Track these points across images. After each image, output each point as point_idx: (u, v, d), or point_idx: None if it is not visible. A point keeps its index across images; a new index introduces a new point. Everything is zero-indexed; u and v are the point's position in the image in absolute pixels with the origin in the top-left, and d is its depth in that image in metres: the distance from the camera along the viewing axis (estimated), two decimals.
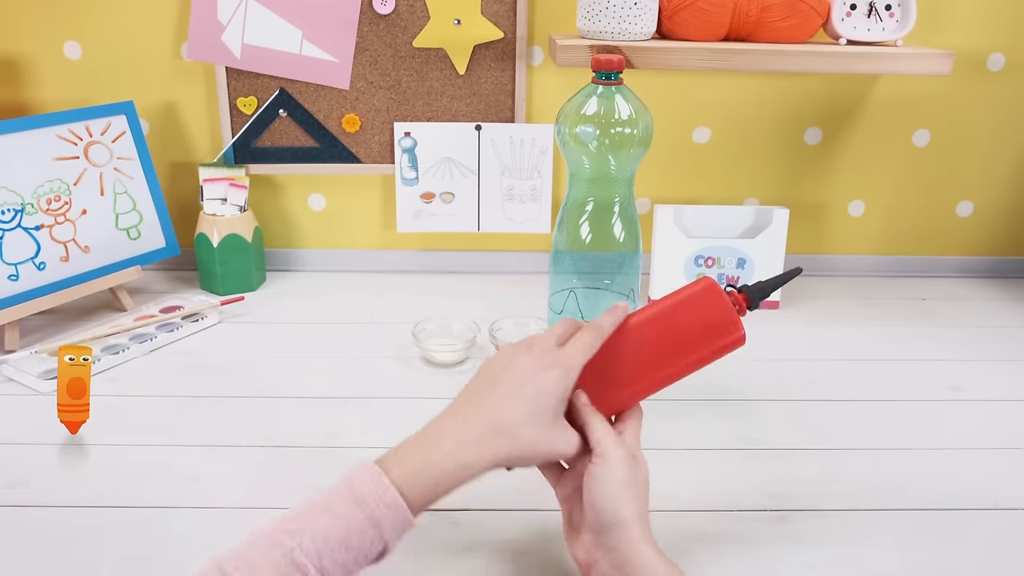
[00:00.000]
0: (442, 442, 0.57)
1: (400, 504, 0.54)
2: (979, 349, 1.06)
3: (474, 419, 0.58)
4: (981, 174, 1.27)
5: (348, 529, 0.52)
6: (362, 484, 0.54)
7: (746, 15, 1.05)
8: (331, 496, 0.54)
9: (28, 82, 1.18)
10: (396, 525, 0.54)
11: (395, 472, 0.55)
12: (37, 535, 0.68)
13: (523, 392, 0.59)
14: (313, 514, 0.53)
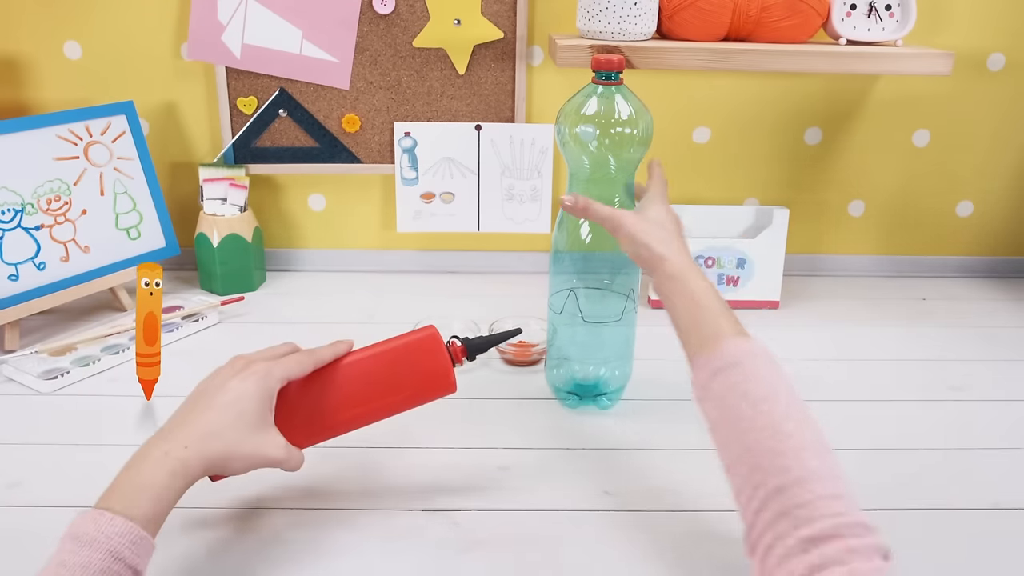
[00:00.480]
0: (149, 457, 0.58)
1: (131, 527, 0.53)
2: (979, 349, 1.06)
3: (179, 431, 0.60)
4: (981, 174, 1.27)
5: (92, 574, 0.50)
6: (86, 529, 0.53)
7: (746, 15, 1.05)
8: (60, 556, 0.52)
9: (28, 82, 1.18)
10: (138, 549, 0.53)
11: (114, 504, 0.54)
12: (37, 535, 0.68)
13: (223, 400, 0.62)
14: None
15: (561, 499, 0.74)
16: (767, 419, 0.57)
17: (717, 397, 0.62)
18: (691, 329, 0.67)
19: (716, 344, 0.64)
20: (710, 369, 0.63)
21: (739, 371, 0.61)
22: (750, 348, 0.63)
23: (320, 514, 0.71)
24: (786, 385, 0.61)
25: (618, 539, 0.69)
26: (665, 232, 0.74)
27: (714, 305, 0.67)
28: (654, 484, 0.77)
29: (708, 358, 0.64)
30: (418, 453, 0.81)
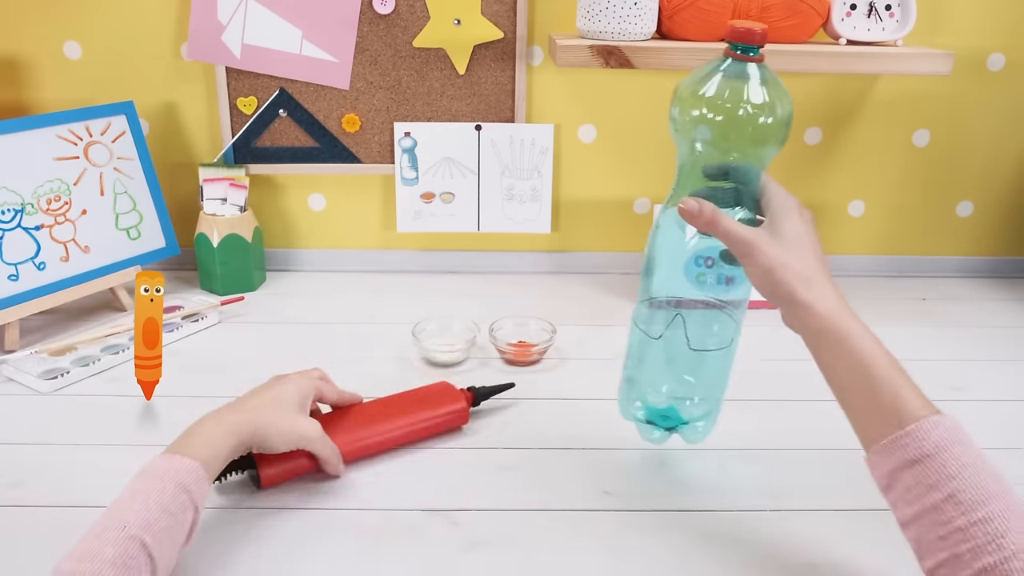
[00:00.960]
0: (205, 423, 0.69)
1: (196, 466, 0.63)
2: (979, 349, 1.06)
3: (230, 409, 0.71)
4: (981, 174, 1.27)
5: (163, 497, 0.60)
6: (158, 466, 0.63)
7: (746, 15, 1.05)
8: (133, 486, 0.61)
9: (28, 82, 1.18)
10: (199, 485, 0.63)
11: (176, 448, 0.65)
12: (37, 535, 0.68)
13: (267, 391, 0.74)
14: (125, 502, 0.59)
15: (561, 499, 0.74)
16: (986, 533, 0.50)
17: (911, 495, 0.54)
18: (861, 403, 0.59)
19: (901, 426, 0.55)
20: (896, 460, 0.55)
21: (937, 464, 0.53)
22: (947, 431, 0.54)
23: (320, 514, 0.71)
24: (994, 472, 0.53)
25: (618, 539, 0.69)
26: (806, 262, 0.62)
27: (889, 373, 0.58)
28: (654, 484, 0.76)
29: (892, 445, 0.55)
30: (418, 453, 0.81)
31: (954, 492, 0.52)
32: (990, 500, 0.51)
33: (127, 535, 0.56)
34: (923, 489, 0.53)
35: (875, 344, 0.60)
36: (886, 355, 0.60)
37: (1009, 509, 0.51)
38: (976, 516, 0.51)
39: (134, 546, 0.56)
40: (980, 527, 0.50)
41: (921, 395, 0.57)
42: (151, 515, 0.58)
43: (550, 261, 1.30)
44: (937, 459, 0.53)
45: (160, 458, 0.64)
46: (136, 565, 0.55)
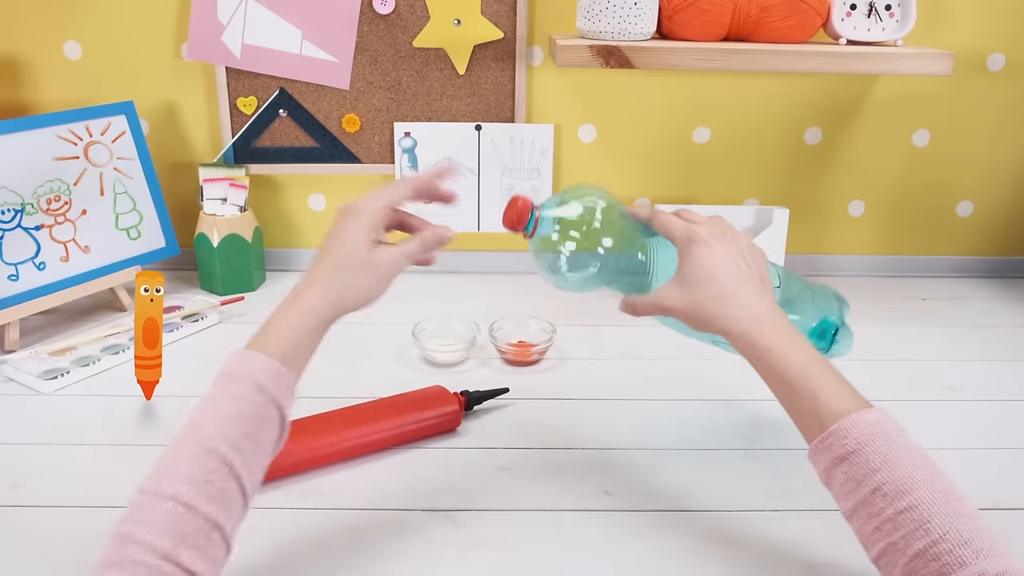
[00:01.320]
0: (279, 308, 0.64)
1: (271, 362, 0.59)
2: (979, 349, 1.06)
3: (302, 279, 0.65)
4: (981, 174, 1.27)
5: (238, 402, 0.56)
6: (230, 365, 0.59)
7: (746, 15, 1.05)
8: (211, 391, 0.58)
9: (28, 82, 1.18)
10: (278, 382, 0.58)
11: (253, 344, 0.61)
12: (37, 535, 0.68)
13: (330, 245, 0.65)
14: (201, 410, 0.57)
15: (561, 499, 0.74)
16: (913, 520, 0.53)
17: (844, 491, 0.58)
18: (790, 411, 0.62)
19: (823, 428, 0.58)
20: (825, 460, 0.59)
21: (861, 459, 0.56)
22: (868, 426, 0.57)
23: (320, 514, 0.71)
24: (918, 459, 0.56)
25: (618, 539, 0.69)
26: (714, 291, 0.65)
27: (805, 381, 0.60)
28: (654, 484, 0.76)
29: (819, 446, 0.59)
30: (418, 453, 0.81)
31: (879, 485, 0.55)
32: (914, 489, 0.54)
33: (203, 448, 0.53)
34: (853, 484, 0.56)
35: (792, 352, 0.62)
36: (804, 362, 0.62)
37: (933, 495, 0.53)
38: (902, 505, 0.53)
39: (212, 460, 0.53)
40: (907, 515, 0.53)
41: (843, 394, 0.60)
42: (227, 422, 0.55)
43: None
44: (860, 455, 0.56)
45: (234, 356, 0.60)
46: (216, 478, 0.53)
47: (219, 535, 0.52)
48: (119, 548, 0.50)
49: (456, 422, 0.84)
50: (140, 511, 0.52)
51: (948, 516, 0.52)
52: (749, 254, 0.67)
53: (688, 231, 0.67)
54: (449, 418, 0.83)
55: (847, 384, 0.61)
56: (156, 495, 0.52)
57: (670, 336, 0.86)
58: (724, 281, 0.65)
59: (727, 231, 0.68)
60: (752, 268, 0.67)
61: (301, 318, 0.62)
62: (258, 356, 0.59)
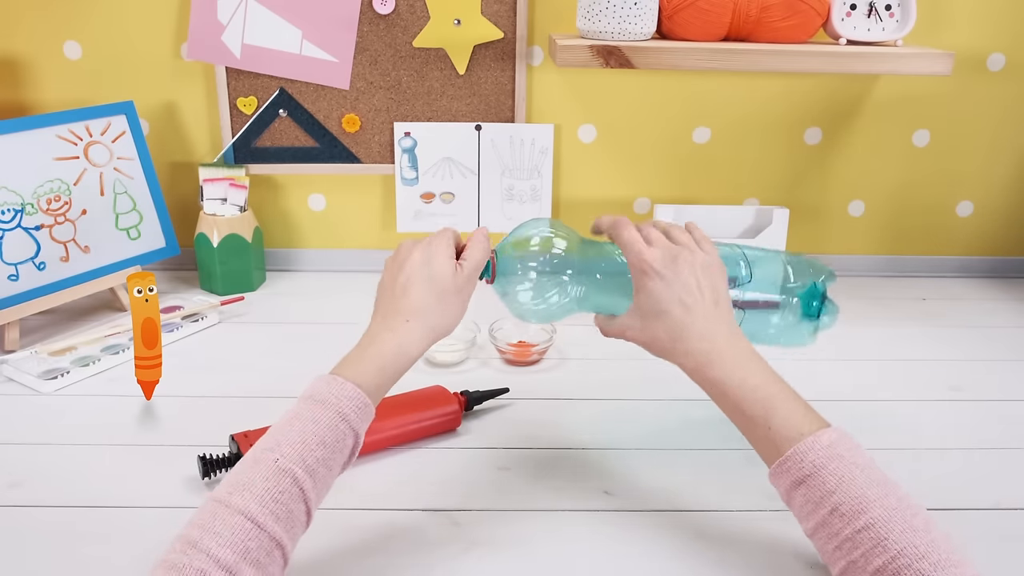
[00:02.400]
0: (377, 337, 0.66)
1: (359, 394, 0.61)
2: (979, 349, 1.06)
3: (395, 312, 0.67)
4: (981, 174, 1.27)
5: (319, 428, 0.58)
6: (320, 390, 0.60)
7: (746, 15, 1.05)
8: (295, 410, 0.60)
9: (28, 82, 1.18)
10: (361, 414, 0.61)
11: (347, 372, 0.62)
12: (37, 535, 0.68)
13: (417, 271, 0.68)
14: (283, 428, 0.58)
15: (561, 499, 0.74)
16: (870, 539, 0.54)
17: (804, 512, 0.59)
18: (748, 437, 0.64)
19: (780, 453, 0.60)
20: (784, 484, 0.61)
21: (817, 482, 0.58)
22: (823, 448, 0.58)
23: (320, 514, 0.71)
24: (873, 478, 0.57)
25: (618, 539, 0.69)
26: (667, 325, 0.66)
27: (757, 409, 0.62)
28: (654, 484, 0.76)
29: (777, 471, 0.61)
30: (418, 453, 0.81)
31: (836, 506, 0.56)
32: (869, 507, 0.55)
33: (279, 467, 0.55)
34: (811, 506, 0.58)
35: (745, 381, 0.63)
36: (757, 390, 0.63)
37: (888, 512, 0.55)
38: (859, 524, 0.55)
39: (286, 480, 0.55)
40: (864, 533, 0.54)
41: (797, 417, 0.61)
42: (307, 447, 0.57)
43: None
44: (816, 478, 0.58)
45: (322, 380, 0.61)
46: (287, 499, 0.54)
47: (280, 553, 0.54)
48: (183, 551, 0.51)
49: (456, 422, 0.84)
50: (210, 519, 0.53)
51: (904, 531, 0.54)
52: (703, 277, 0.67)
53: (639, 262, 0.67)
54: (449, 418, 0.83)
55: (801, 405, 0.63)
56: (228, 506, 0.53)
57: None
58: (675, 314, 0.66)
59: (679, 256, 0.67)
60: (705, 293, 0.67)
61: (397, 358, 0.65)
62: (348, 386, 0.61)
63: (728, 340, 0.66)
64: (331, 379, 0.61)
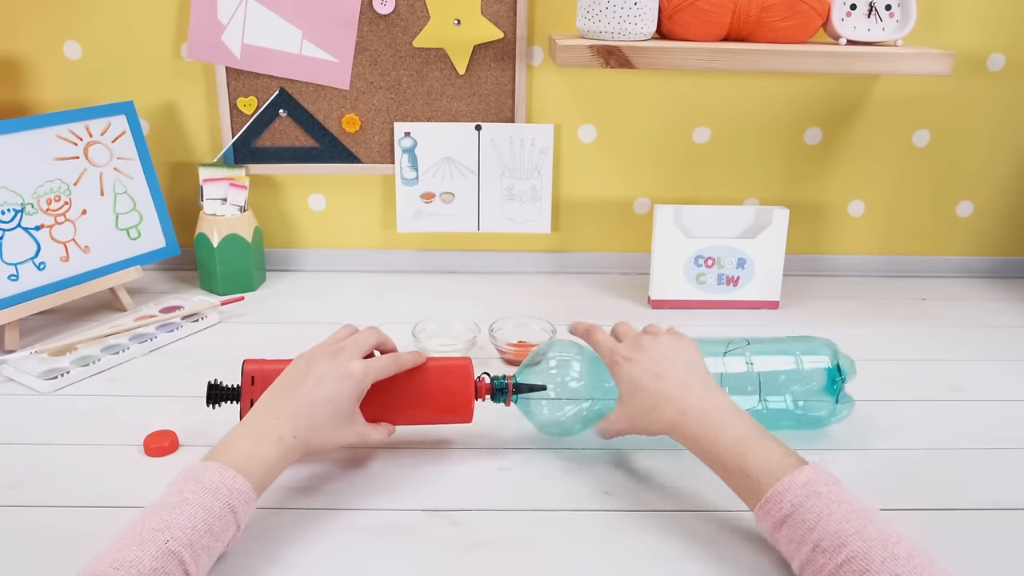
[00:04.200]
0: (267, 435, 0.68)
1: (248, 488, 0.63)
2: (979, 349, 1.06)
3: (289, 417, 0.69)
4: (981, 174, 1.27)
5: (210, 518, 0.59)
6: (211, 478, 0.62)
7: (746, 15, 1.05)
8: (183, 493, 0.60)
9: (28, 82, 1.18)
10: (247, 508, 0.63)
11: (237, 464, 0.64)
12: (37, 535, 0.68)
13: (322, 394, 0.70)
14: (172, 511, 0.59)
15: (561, 499, 0.74)
16: (852, 572, 0.56)
17: (790, 551, 0.61)
18: (730, 486, 0.67)
19: (759, 497, 0.63)
20: (767, 525, 0.63)
21: (797, 521, 0.60)
22: (800, 487, 0.61)
23: (320, 514, 0.71)
24: (851, 511, 0.59)
25: (618, 539, 0.69)
26: (646, 403, 0.72)
27: (734, 459, 0.65)
28: (654, 484, 0.76)
29: (759, 514, 0.63)
30: (418, 453, 0.81)
31: (817, 542, 0.58)
32: (849, 541, 0.57)
33: (168, 549, 0.56)
34: (795, 544, 0.60)
35: (720, 434, 0.67)
36: (732, 442, 0.66)
37: (868, 544, 0.56)
38: (840, 558, 0.57)
39: (173, 563, 0.56)
40: (847, 567, 0.56)
41: (773, 462, 0.64)
42: (196, 533, 0.58)
43: (550, 261, 1.30)
44: (796, 517, 0.60)
45: (214, 469, 0.62)
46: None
47: None
48: None
49: (468, 419, 0.80)
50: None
51: (885, 561, 0.55)
52: (670, 351, 0.73)
53: (611, 355, 0.75)
54: (462, 415, 0.80)
55: (778, 449, 0.65)
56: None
57: None
58: (648, 387, 0.71)
59: (643, 340, 0.74)
60: (675, 361, 0.73)
61: (283, 459, 0.68)
62: (239, 480, 0.62)
63: (703, 398, 0.70)
64: (222, 469, 0.62)
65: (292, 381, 0.72)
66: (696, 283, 1.16)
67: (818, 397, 0.81)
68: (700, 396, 0.70)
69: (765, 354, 0.82)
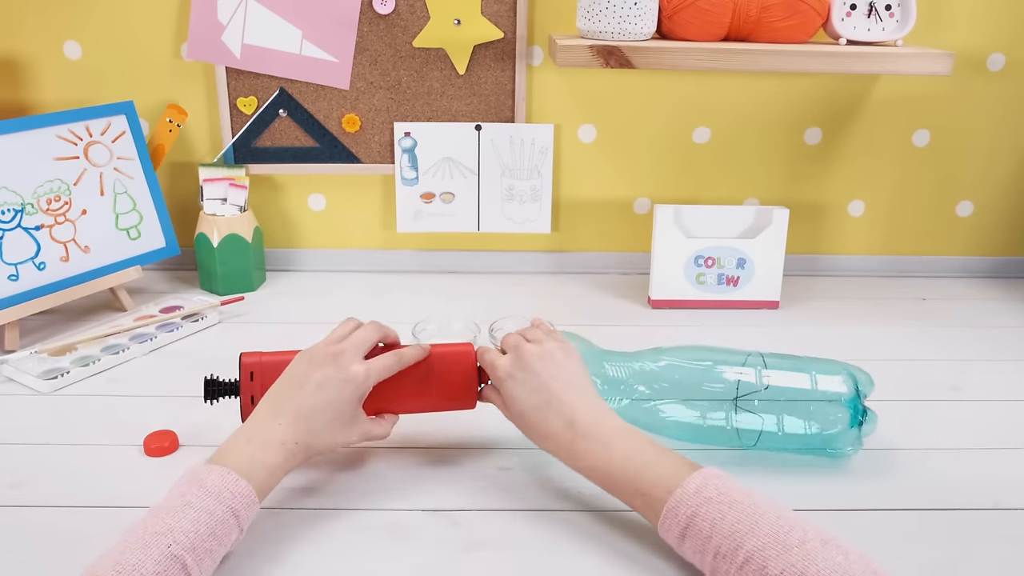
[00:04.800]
0: (270, 440, 0.67)
1: (251, 492, 0.63)
2: (979, 349, 1.06)
3: (291, 422, 0.69)
4: (981, 174, 1.27)
5: (212, 521, 0.59)
6: (214, 481, 0.61)
7: (746, 15, 1.05)
8: (186, 496, 0.60)
9: (28, 82, 1.18)
10: (249, 512, 0.63)
11: (240, 469, 0.63)
12: (37, 535, 0.68)
13: (324, 399, 0.70)
14: (175, 514, 0.59)
15: (561, 499, 0.74)
16: (754, 571, 0.56)
17: (696, 560, 0.61)
18: (630, 505, 0.67)
19: (656, 514, 0.63)
20: (671, 539, 0.63)
21: (694, 532, 0.60)
22: (692, 496, 0.61)
23: (320, 514, 0.71)
24: (742, 512, 0.59)
25: (618, 539, 0.69)
26: (529, 433, 0.72)
27: (624, 475, 0.65)
28: None
29: (660, 529, 0.63)
30: (418, 453, 0.81)
31: (716, 549, 0.59)
32: (744, 541, 0.57)
33: (171, 553, 0.56)
34: (699, 555, 0.61)
35: (611, 459, 0.66)
36: (623, 464, 0.66)
37: (761, 540, 0.57)
38: (739, 560, 0.57)
39: (175, 567, 0.56)
40: (746, 568, 0.57)
41: (666, 473, 0.64)
42: (199, 536, 0.58)
43: (550, 261, 1.30)
44: (693, 528, 0.60)
45: (217, 472, 0.62)
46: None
47: None
48: None
49: (472, 404, 0.79)
50: None
51: (780, 553, 0.55)
52: (556, 368, 0.71)
53: (492, 370, 0.74)
54: (466, 402, 0.79)
55: (670, 461, 0.65)
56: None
57: (668, 336, 0.87)
58: (533, 414, 0.71)
59: (526, 359, 0.72)
60: (559, 380, 0.71)
61: (285, 463, 0.68)
62: (242, 483, 0.62)
63: (585, 423, 0.68)
64: (225, 473, 0.62)
65: (294, 382, 0.71)
66: (696, 283, 1.16)
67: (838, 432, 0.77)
68: (584, 420, 0.69)
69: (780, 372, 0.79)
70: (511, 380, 0.72)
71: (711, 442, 0.79)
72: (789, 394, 0.77)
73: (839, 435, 0.76)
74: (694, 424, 0.78)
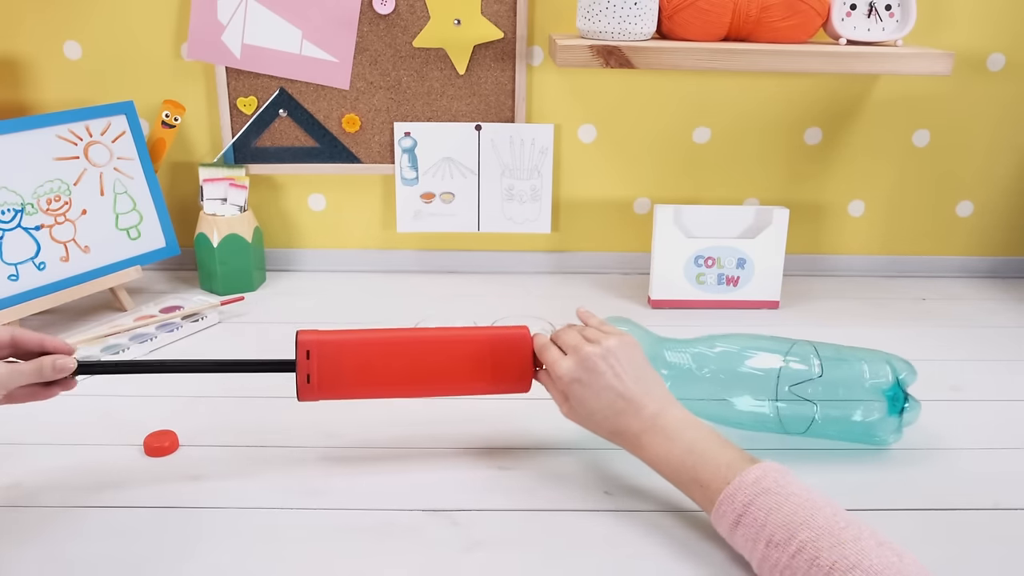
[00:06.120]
0: None
1: None
2: (979, 349, 1.06)
3: None
4: (981, 174, 1.27)
5: None
6: None
7: (746, 15, 1.05)
8: None
9: (28, 82, 1.18)
10: None
11: None
12: (37, 535, 0.68)
13: None
14: None
15: (561, 499, 0.74)
16: (805, 561, 0.57)
17: (746, 549, 0.62)
18: (689, 496, 0.68)
19: (712, 501, 0.64)
20: (724, 527, 0.64)
21: (749, 520, 0.61)
22: (749, 486, 0.62)
23: (320, 514, 0.71)
24: (799, 503, 0.60)
25: (618, 539, 0.69)
26: (599, 432, 0.73)
27: (682, 463, 0.67)
28: (654, 484, 0.76)
29: (714, 517, 0.64)
30: (418, 453, 0.81)
31: (769, 537, 0.60)
32: (798, 532, 0.58)
33: None
34: (750, 543, 0.61)
35: (671, 453, 0.68)
36: (683, 457, 0.67)
37: (815, 532, 0.58)
38: (792, 549, 0.58)
39: None
40: (798, 557, 0.57)
41: (724, 464, 0.65)
42: None
43: (550, 261, 1.30)
44: (748, 516, 0.61)
45: None
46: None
47: None
48: None
49: (527, 387, 0.78)
50: None
51: (833, 546, 0.56)
52: (615, 362, 0.71)
53: (558, 381, 0.73)
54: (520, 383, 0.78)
55: (728, 453, 0.66)
56: None
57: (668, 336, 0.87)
58: (599, 420, 0.72)
59: (590, 361, 0.71)
60: (623, 375, 0.71)
61: None
62: None
63: (651, 419, 0.70)
64: None
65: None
66: (696, 283, 1.16)
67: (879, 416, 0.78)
68: (650, 416, 0.70)
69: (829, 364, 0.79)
70: (577, 384, 0.72)
71: (762, 429, 0.80)
72: (840, 382, 0.78)
73: (879, 423, 0.78)
74: (749, 412, 0.79)
